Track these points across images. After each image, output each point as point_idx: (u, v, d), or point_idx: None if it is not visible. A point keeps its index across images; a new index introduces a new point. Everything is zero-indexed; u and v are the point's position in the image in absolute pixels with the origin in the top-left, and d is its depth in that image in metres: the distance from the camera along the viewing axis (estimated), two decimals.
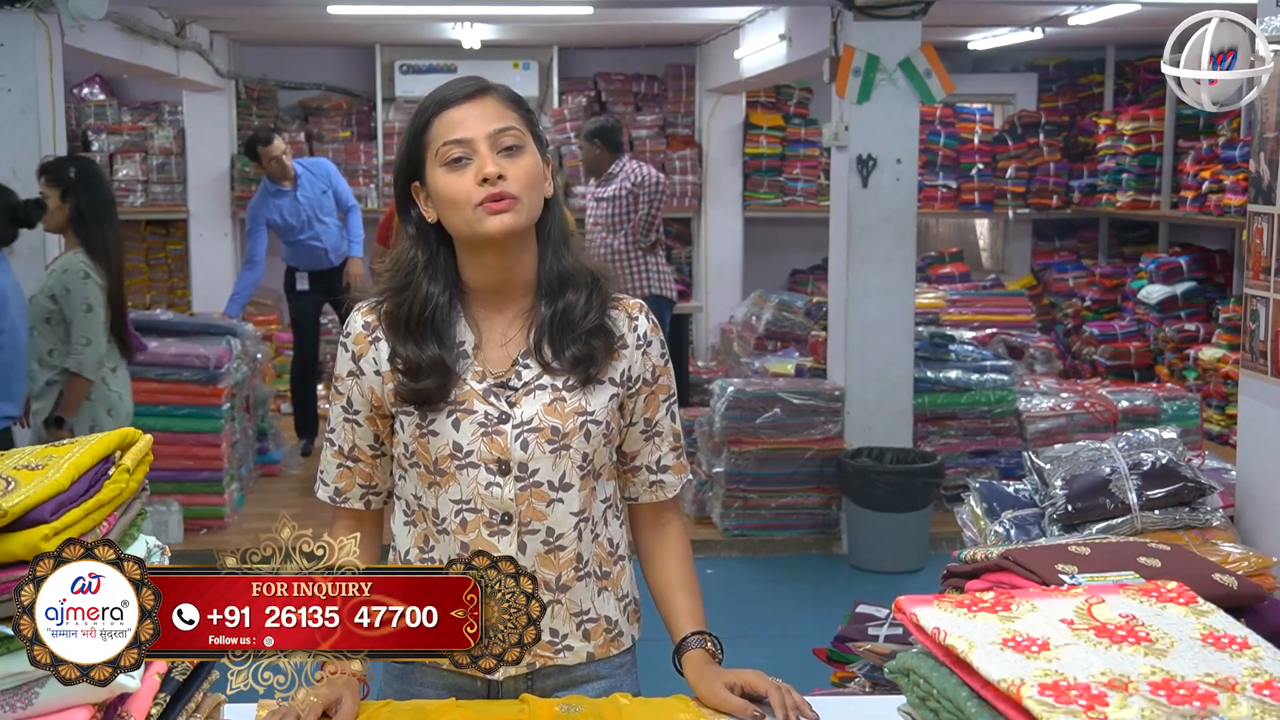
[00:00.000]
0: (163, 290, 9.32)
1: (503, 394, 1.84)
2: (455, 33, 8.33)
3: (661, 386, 1.94)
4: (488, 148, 1.79)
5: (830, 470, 6.01)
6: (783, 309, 8.13)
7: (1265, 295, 3.07)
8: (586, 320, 1.85)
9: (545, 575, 1.84)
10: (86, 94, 9.26)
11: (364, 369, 1.88)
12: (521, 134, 1.82)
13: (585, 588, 1.89)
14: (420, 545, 1.90)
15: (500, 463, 1.83)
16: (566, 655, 1.89)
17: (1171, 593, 1.50)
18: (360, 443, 1.91)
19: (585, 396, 1.85)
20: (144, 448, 1.66)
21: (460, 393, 1.84)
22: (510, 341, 1.87)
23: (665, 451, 1.96)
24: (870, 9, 5.80)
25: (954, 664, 1.41)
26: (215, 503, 6.12)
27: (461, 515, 1.84)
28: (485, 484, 1.83)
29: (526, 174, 1.80)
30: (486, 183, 1.77)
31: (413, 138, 1.84)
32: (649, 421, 1.94)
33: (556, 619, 1.87)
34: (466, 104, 1.81)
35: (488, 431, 1.83)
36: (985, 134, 9.52)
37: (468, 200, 1.78)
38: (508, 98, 1.85)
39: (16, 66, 5.30)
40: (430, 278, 1.85)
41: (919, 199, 6.23)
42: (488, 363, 1.86)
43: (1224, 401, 7.33)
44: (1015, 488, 3.24)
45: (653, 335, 1.93)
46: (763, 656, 2.18)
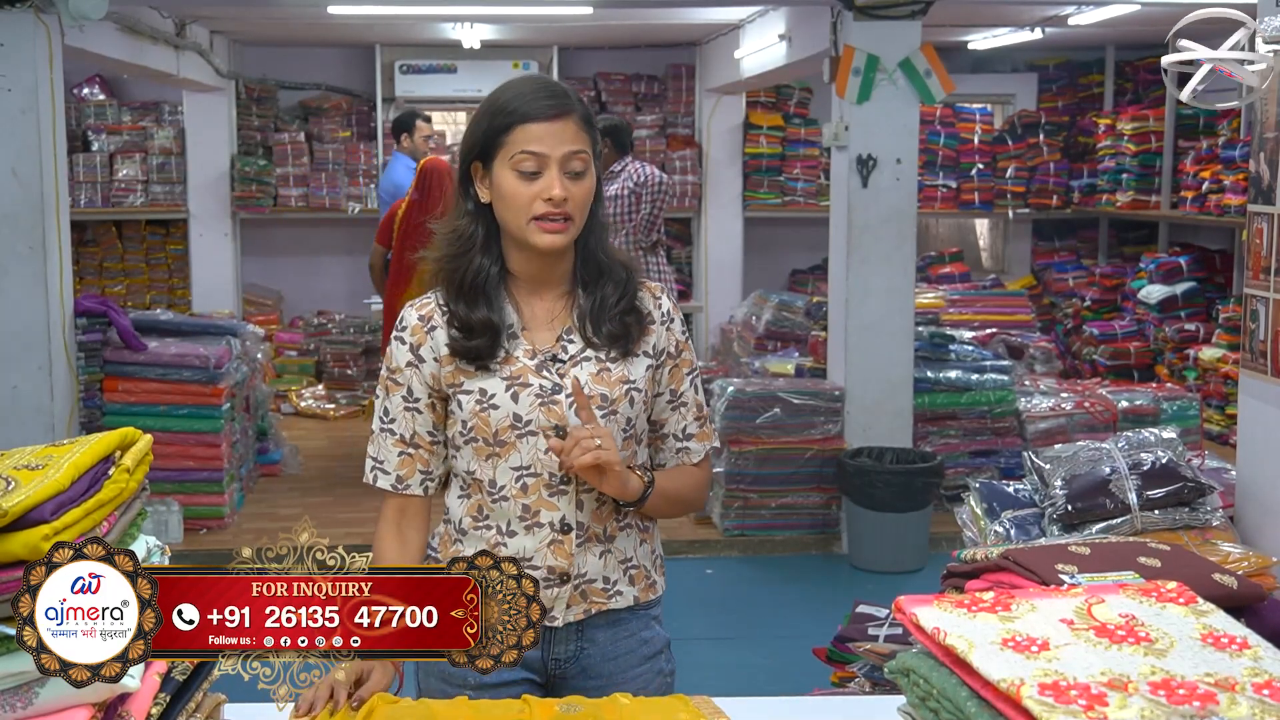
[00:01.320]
0: (162, 290, 9.32)
1: (553, 367, 2.02)
2: (455, 33, 8.34)
3: (685, 360, 2.13)
4: (558, 168, 1.96)
5: (830, 470, 6.01)
6: (783, 309, 8.12)
7: (1265, 295, 3.07)
8: (620, 305, 2.04)
9: (595, 529, 2.04)
10: (86, 94, 9.26)
11: (424, 356, 2.05)
12: (588, 157, 1.99)
13: (628, 538, 2.09)
14: (474, 515, 2.06)
15: (558, 429, 2.00)
16: (617, 599, 2.08)
17: (1171, 593, 1.50)
18: (420, 430, 2.07)
19: (626, 367, 2.05)
20: (144, 447, 1.66)
21: (514, 368, 2.02)
22: (554, 320, 2.06)
23: (690, 420, 2.14)
24: (870, 9, 5.80)
25: (954, 664, 1.41)
26: (215, 503, 6.12)
27: (522, 480, 2.02)
28: (544, 450, 2.00)
29: (584, 195, 2.00)
30: (550, 201, 1.95)
31: (491, 133, 1.99)
32: (674, 392, 2.12)
33: (608, 567, 2.06)
34: (549, 123, 1.96)
35: (544, 401, 2.01)
36: (985, 134, 9.51)
37: (527, 210, 1.97)
38: (584, 120, 2.00)
39: (16, 66, 5.30)
40: (484, 251, 2.04)
41: (919, 199, 6.22)
42: (535, 340, 2.04)
43: (1224, 401, 7.33)
44: (1015, 488, 3.24)
45: (674, 313, 2.13)
46: (763, 656, 2.18)
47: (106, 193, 8.96)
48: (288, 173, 9.10)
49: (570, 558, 2.02)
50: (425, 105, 9.67)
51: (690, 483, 2.16)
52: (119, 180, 8.97)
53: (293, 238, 9.60)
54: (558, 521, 2.02)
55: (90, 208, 8.90)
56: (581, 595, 2.05)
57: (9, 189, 5.34)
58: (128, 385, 5.96)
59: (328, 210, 9.14)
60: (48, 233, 5.42)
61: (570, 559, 2.02)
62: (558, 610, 2.04)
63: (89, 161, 8.91)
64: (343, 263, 9.52)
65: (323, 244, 9.62)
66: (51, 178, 5.43)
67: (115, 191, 8.98)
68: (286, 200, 9.11)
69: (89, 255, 9.20)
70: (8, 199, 5.35)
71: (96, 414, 5.91)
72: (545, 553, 2.02)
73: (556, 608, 2.03)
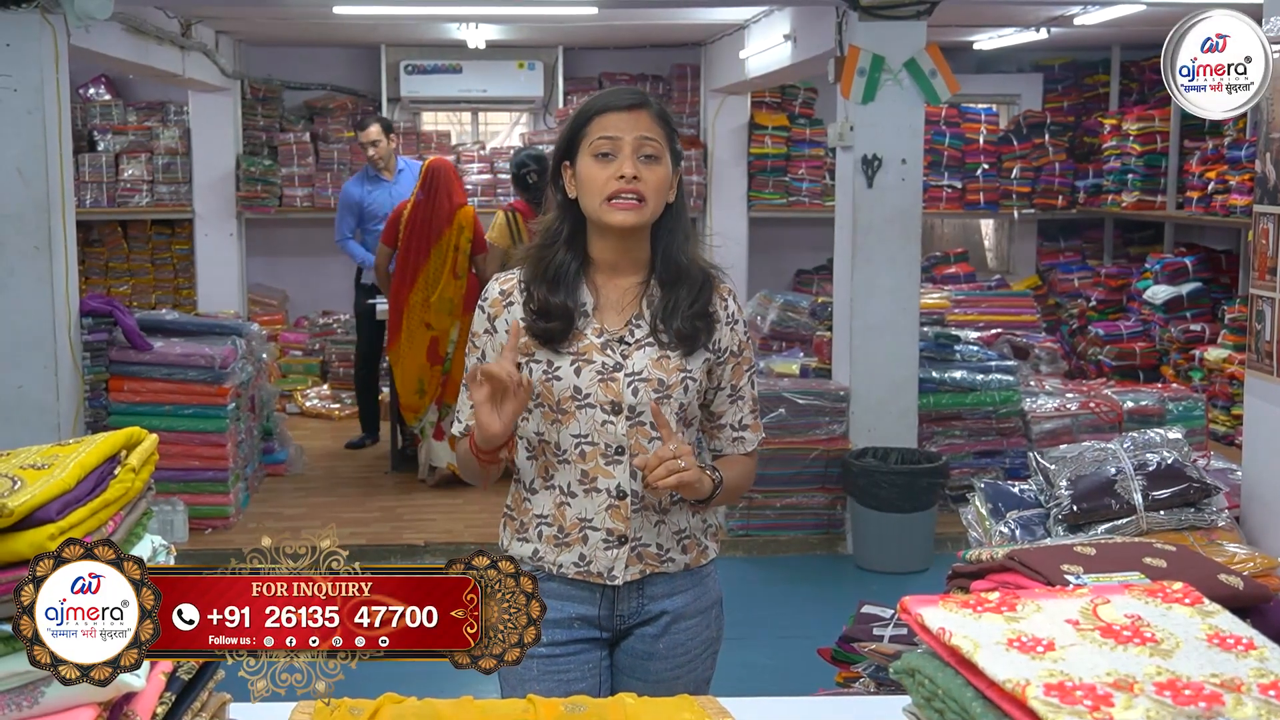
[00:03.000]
0: (168, 290, 9.33)
1: (618, 348, 2.20)
2: (460, 33, 8.34)
3: (745, 358, 2.31)
4: (631, 150, 2.15)
5: (835, 470, 6.01)
6: (787, 309, 8.12)
7: (1271, 295, 3.07)
8: (694, 309, 2.21)
9: (651, 500, 2.21)
10: (92, 94, 9.27)
11: (498, 328, 2.24)
12: (661, 147, 2.18)
13: (681, 510, 2.26)
14: (542, 475, 2.24)
15: (614, 404, 2.18)
16: (669, 565, 2.25)
17: (1177, 593, 1.49)
18: None
19: (686, 358, 2.22)
20: (149, 447, 1.67)
21: (581, 345, 2.19)
22: (625, 306, 2.23)
23: (746, 413, 2.33)
24: (875, 9, 5.80)
25: (959, 664, 1.41)
26: (220, 502, 6.13)
27: (580, 447, 2.20)
28: (601, 422, 2.18)
29: (657, 180, 2.17)
30: (622, 179, 2.13)
31: (575, 128, 2.20)
32: (734, 387, 2.30)
33: (661, 536, 2.24)
34: (625, 112, 2.17)
35: (604, 378, 2.18)
36: (990, 134, 9.50)
37: (602, 190, 2.15)
38: (659, 114, 2.20)
39: (22, 67, 5.31)
40: (567, 245, 2.22)
41: (924, 199, 6.22)
42: (605, 321, 2.22)
43: (1229, 402, 7.32)
44: (1020, 488, 3.24)
45: (739, 315, 2.30)
46: (767, 656, 2.19)
47: (112, 193, 8.98)
48: (293, 173, 9.11)
49: (627, 521, 2.20)
50: (430, 105, 9.70)
51: (745, 472, 2.34)
52: (124, 180, 8.99)
53: (298, 238, 9.61)
54: (614, 488, 2.19)
55: (96, 208, 8.92)
56: (638, 557, 2.22)
57: (15, 189, 5.35)
58: (133, 385, 5.97)
59: (332, 210, 9.13)
60: (53, 232, 5.43)
61: (627, 523, 2.20)
62: (617, 570, 2.22)
63: (94, 161, 8.92)
64: (347, 263, 9.46)
65: (328, 244, 9.57)
66: (57, 178, 5.44)
67: (121, 191, 8.99)
68: (291, 200, 9.12)
69: (94, 255, 9.22)
70: (14, 199, 5.36)
71: (102, 413, 5.92)
72: (603, 515, 2.20)
73: (616, 567, 2.21)
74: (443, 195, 6.43)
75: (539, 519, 2.24)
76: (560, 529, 2.21)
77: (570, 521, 2.21)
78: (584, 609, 2.24)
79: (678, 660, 2.28)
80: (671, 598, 2.27)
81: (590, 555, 2.21)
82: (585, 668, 2.24)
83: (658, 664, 2.27)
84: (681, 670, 2.29)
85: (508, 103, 9.59)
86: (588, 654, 2.25)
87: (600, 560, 2.21)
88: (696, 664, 2.31)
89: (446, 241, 6.40)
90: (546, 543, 2.22)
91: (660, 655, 2.27)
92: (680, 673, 2.29)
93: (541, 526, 2.23)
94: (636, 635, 2.27)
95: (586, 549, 2.20)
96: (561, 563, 2.22)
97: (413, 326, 6.47)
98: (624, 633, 2.28)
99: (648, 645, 2.27)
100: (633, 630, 2.27)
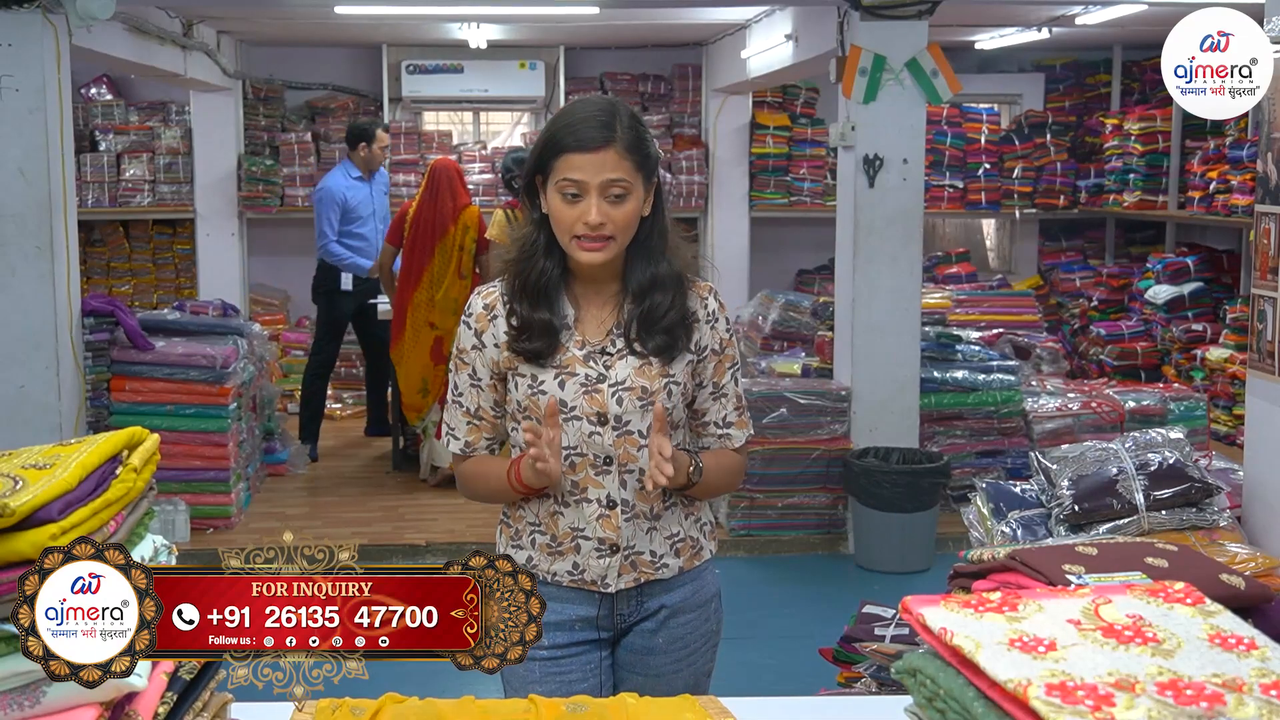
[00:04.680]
0: (169, 290, 9.32)
1: (600, 359, 2.21)
2: (462, 33, 8.34)
3: (727, 355, 2.31)
4: (598, 193, 2.13)
5: (837, 470, 6.01)
6: (789, 309, 8.12)
7: (1272, 295, 3.07)
8: (668, 318, 2.21)
9: (642, 508, 2.23)
10: (94, 94, 9.27)
11: (485, 342, 2.26)
12: (630, 182, 2.14)
13: (673, 515, 2.28)
14: None
15: (599, 415, 2.20)
16: (664, 570, 2.27)
17: (1179, 593, 1.49)
18: (484, 404, 2.30)
19: (667, 364, 2.23)
20: (151, 447, 1.67)
21: (565, 358, 2.21)
22: (605, 318, 2.24)
23: (730, 410, 2.33)
24: (877, 9, 5.79)
25: (961, 664, 1.41)
26: (222, 502, 6.13)
27: (570, 459, 2.21)
28: (588, 433, 2.20)
29: (626, 217, 2.15)
30: (588, 225, 2.13)
31: (543, 158, 2.17)
32: (717, 385, 2.31)
33: (654, 542, 2.25)
34: (590, 154, 2.12)
35: (588, 390, 2.20)
36: (992, 134, 9.50)
37: (569, 229, 2.15)
38: (627, 148, 2.14)
39: (24, 67, 5.31)
40: (546, 254, 2.22)
41: (925, 199, 6.21)
42: (586, 333, 2.23)
43: (1231, 402, 7.32)
44: (1022, 488, 3.24)
45: (720, 313, 2.30)
46: (769, 656, 2.19)
47: (114, 192, 8.98)
48: (294, 172, 9.11)
49: (618, 530, 2.22)
50: (431, 105, 9.69)
51: (731, 466, 2.35)
52: (126, 180, 8.98)
53: (299, 237, 9.58)
54: (604, 498, 2.22)
55: (98, 207, 8.92)
56: (631, 565, 2.25)
57: (17, 189, 5.35)
58: (135, 385, 5.97)
59: None
60: (55, 232, 5.43)
61: (618, 531, 2.22)
62: (610, 578, 2.24)
63: (96, 161, 8.92)
64: None
65: None
66: (59, 177, 5.44)
67: (122, 191, 8.99)
68: (293, 200, 9.11)
69: (96, 255, 9.22)
70: (16, 199, 5.36)
71: (104, 413, 5.92)
72: (595, 525, 2.22)
73: (609, 575, 2.24)
74: (446, 195, 6.44)
75: (532, 526, 2.26)
76: (553, 538, 2.23)
77: (563, 531, 2.23)
78: (584, 610, 2.26)
79: (678, 654, 2.30)
80: (669, 594, 2.29)
81: (584, 564, 2.22)
82: (587, 668, 2.26)
83: (658, 658, 2.29)
84: (682, 664, 2.31)
85: (509, 102, 9.59)
86: (589, 655, 2.27)
87: (593, 569, 2.23)
88: (696, 657, 2.33)
89: (451, 241, 6.40)
90: (540, 550, 2.25)
91: (660, 650, 2.29)
92: (680, 666, 2.30)
93: (535, 534, 2.25)
94: (636, 631, 2.29)
95: (580, 558, 2.22)
96: (556, 571, 2.24)
97: (417, 326, 6.47)
98: (624, 630, 2.30)
99: (647, 640, 2.29)
100: (633, 627, 2.30)
